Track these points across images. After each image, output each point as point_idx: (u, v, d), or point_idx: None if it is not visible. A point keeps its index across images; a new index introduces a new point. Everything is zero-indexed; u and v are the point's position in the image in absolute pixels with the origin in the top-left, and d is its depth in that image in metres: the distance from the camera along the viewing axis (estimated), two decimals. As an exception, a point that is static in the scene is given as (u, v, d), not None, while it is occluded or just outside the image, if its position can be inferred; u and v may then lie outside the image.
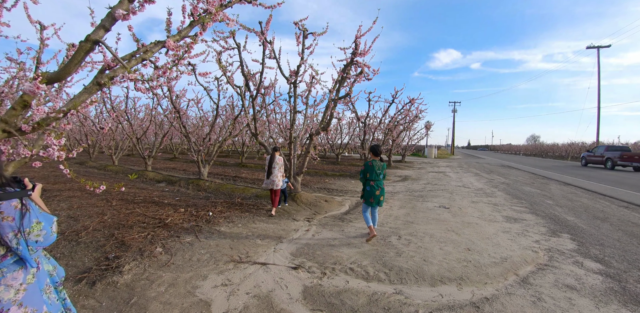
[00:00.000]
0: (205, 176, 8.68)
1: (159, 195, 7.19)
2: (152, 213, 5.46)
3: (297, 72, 6.76)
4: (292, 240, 4.41)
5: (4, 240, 1.15)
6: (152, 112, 11.16)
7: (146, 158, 10.72)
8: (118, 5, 1.62)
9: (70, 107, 1.58)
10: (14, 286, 1.17)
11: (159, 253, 3.70)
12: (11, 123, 1.45)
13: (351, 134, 22.09)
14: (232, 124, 8.33)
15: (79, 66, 1.49)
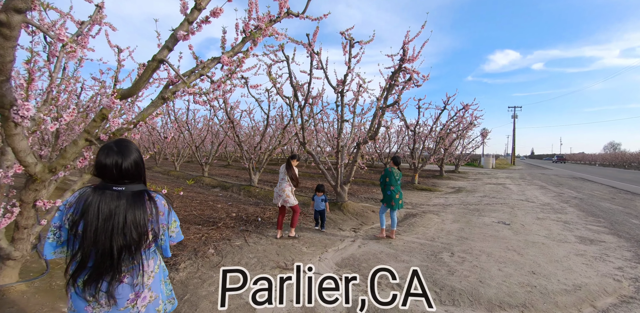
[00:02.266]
0: (255, 182, 9.07)
1: (214, 199, 7.67)
2: (207, 216, 5.83)
3: (344, 81, 6.81)
4: (338, 250, 4.37)
5: (156, 230, 1.32)
6: (210, 122, 12.08)
7: (203, 164, 11.57)
8: (179, 27, 1.81)
9: (139, 119, 1.79)
10: (147, 272, 1.34)
11: (211, 254, 3.92)
12: (92, 133, 1.69)
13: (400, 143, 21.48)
14: (281, 134, 8.64)
15: (147, 82, 1.69)
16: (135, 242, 1.26)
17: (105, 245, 1.22)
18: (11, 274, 2.73)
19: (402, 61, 6.12)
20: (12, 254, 2.41)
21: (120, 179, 1.30)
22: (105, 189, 1.28)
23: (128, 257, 1.26)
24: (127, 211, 1.25)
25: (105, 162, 1.27)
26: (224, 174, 14.06)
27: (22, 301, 2.63)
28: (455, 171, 20.12)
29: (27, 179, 1.92)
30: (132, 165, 1.31)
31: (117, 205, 1.25)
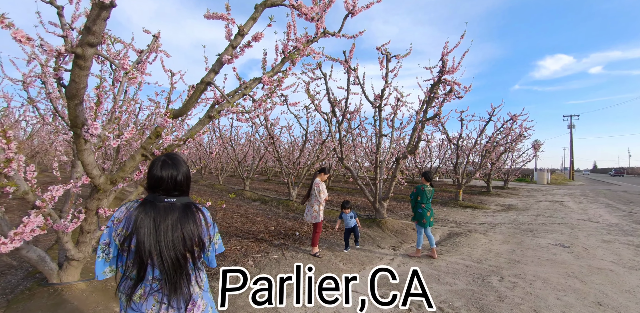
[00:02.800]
0: (294, 197, 9.21)
1: (254, 212, 7.90)
2: (247, 228, 6.00)
3: (382, 96, 6.81)
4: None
5: (205, 241, 1.36)
6: (251, 138, 12.66)
7: (245, 178, 12.04)
8: (224, 52, 1.98)
9: (188, 136, 1.96)
10: (198, 282, 1.38)
11: (250, 266, 4.01)
12: (148, 149, 1.88)
13: (442, 158, 20.58)
14: (319, 149, 8.77)
15: (196, 103, 1.86)
16: (190, 253, 1.29)
17: (161, 257, 1.22)
18: (74, 273, 3.02)
19: (441, 73, 6.00)
20: (76, 255, 2.69)
21: (173, 190, 1.33)
22: (157, 201, 1.31)
23: (190, 268, 1.30)
24: (181, 223, 1.28)
25: (161, 174, 1.31)
26: (264, 188, 14.47)
27: (81, 298, 2.88)
28: (505, 187, 18.71)
29: (92, 189, 2.17)
30: (184, 177, 1.36)
31: (171, 217, 1.28)
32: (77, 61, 1.34)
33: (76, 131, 1.62)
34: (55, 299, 2.83)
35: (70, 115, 1.57)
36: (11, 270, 3.84)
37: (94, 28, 1.27)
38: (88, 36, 1.29)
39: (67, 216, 2.33)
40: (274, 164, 23.02)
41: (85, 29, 1.28)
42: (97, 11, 1.24)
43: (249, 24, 2.12)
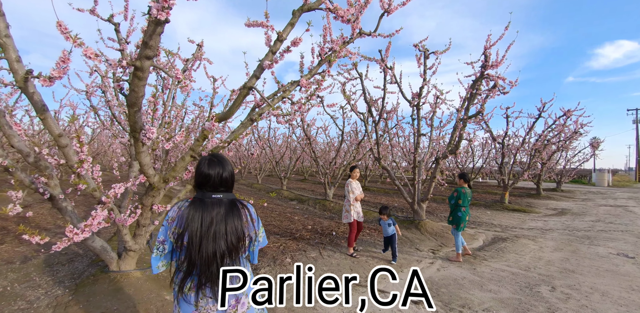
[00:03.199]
0: (330, 197, 9.27)
1: (291, 212, 8.08)
2: (285, 227, 6.17)
3: (420, 94, 6.63)
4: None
5: (251, 236, 1.44)
6: (288, 139, 12.95)
7: (282, 178, 12.35)
8: (265, 58, 2.08)
9: (232, 138, 2.08)
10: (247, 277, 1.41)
11: (288, 263, 4.13)
12: (196, 150, 2.04)
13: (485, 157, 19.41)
14: (356, 149, 8.74)
15: (239, 107, 1.97)
16: (235, 247, 1.35)
17: (209, 251, 1.30)
18: (131, 263, 3.33)
19: (484, 68, 5.69)
20: (133, 247, 2.97)
21: (220, 187, 1.41)
22: (204, 198, 1.39)
23: (230, 263, 1.35)
24: (227, 218, 1.35)
25: (209, 172, 1.39)
26: (301, 188, 14.72)
27: (137, 285, 3.17)
28: (557, 190, 17.19)
29: (147, 187, 2.39)
30: (229, 174, 1.44)
31: (217, 212, 1.35)
32: (136, 72, 1.50)
33: (135, 135, 1.82)
34: (115, 285, 3.14)
35: (130, 121, 1.76)
36: (78, 258, 4.32)
37: (151, 42, 1.42)
38: (145, 50, 1.44)
39: (126, 211, 2.59)
40: (310, 164, 23.33)
41: (143, 44, 1.43)
42: (153, 27, 1.37)
43: (287, 29, 2.20)
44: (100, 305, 2.85)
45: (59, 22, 1.37)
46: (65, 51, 1.44)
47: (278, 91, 2.64)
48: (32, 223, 6.30)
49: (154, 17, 1.26)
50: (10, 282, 3.55)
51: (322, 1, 2.33)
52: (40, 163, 2.59)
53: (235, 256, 1.37)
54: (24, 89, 1.75)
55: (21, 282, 3.59)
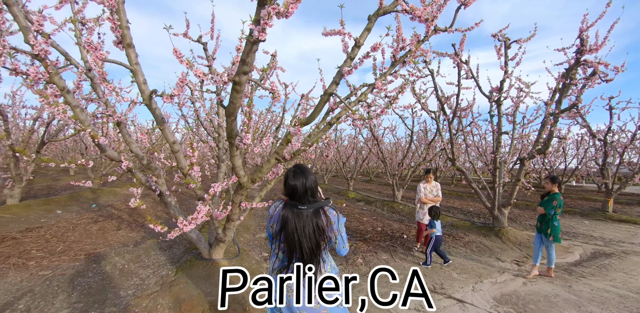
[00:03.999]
0: (399, 199, 9.04)
1: (359, 213, 8.11)
2: (355, 227, 6.22)
3: (501, 88, 6.05)
4: (496, 282, 3.81)
5: (329, 236, 1.68)
6: (354, 140, 12.99)
7: (349, 179, 12.44)
8: (343, 64, 2.15)
9: (313, 142, 2.21)
10: (323, 272, 1.69)
11: (360, 263, 4.18)
12: (280, 153, 2.23)
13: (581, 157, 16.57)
14: (425, 149, 8.37)
15: (320, 112, 2.09)
16: (318, 245, 1.63)
17: (298, 247, 1.62)
18: (220, 252, 3.75)
19: (579, 53, 4.89)
20: (223, 238, 3.35)
21: (305, 193, 1.67)
22: (294, 207, 1.67)
23: (314, 255, 1.63)
24: (313, 223, 1.63)
25: (295, 183, 1.67)
26: (367, 189, 14.63)
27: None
28: (688, 199, 13.84)
29: (237, 186, 2.68)
30: (312, 183, 1.69)
31: (305, 218, 1.63)
32: (235, 86, 1.72)
33: (231, 141, 2.07)
34: (207, 271, 3.57)
35: (227, 128, 2.01)
36: (175, 245, 5.01)
37: (247, 59, 1.60)
38: (243, 66, 1.63)
39: (219, 207, 2.94)
40: (376, 165, 23.01)
41: (241, 61, 1.63)
42: (250, 46, 1.55)
43: (364, 35, 2.24)
44: (197, 287, 3.28)
45: (175, 49, 1.66)
46: (183, 73, 1.73)
47: (350, 95, 2.69)
48: (137, 214, 7.49)
49: (255, 38, 1.44)
50: (127, 261, 4.29)
51: (398, 3, 2.32)
52: (151, 165, 3.09)
53: (318, 252, 1.64)
54: (148, 106, 2.16)
55: (135, 262, 4.31)
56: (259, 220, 7.09)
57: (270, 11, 1.34)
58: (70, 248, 4.74)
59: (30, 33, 2.03)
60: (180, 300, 3.11)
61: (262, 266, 4.09)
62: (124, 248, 4.82)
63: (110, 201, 9.01)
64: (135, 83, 2.11)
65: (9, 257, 4.21)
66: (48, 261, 4.17)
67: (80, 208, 7.92)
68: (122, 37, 1.94)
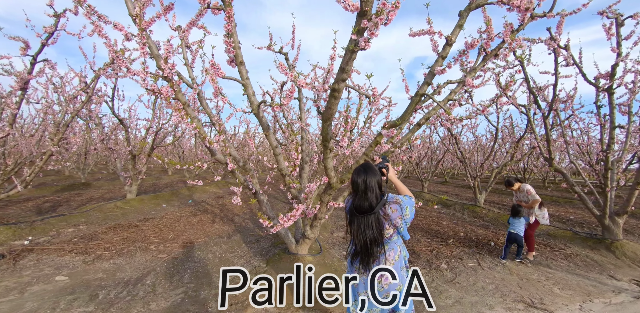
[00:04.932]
0: (481, 203, 8.35)
1: (437, 216, 7.73)
2: (434, 231, 5.98)
3: (612, 74, 5.15)
4: (610, 304, 3.29)
5: (394, 224, 1.83)
6: (427, 139, 12.38)
7: (423, 180, 11.92)
8: (435, 64, 2.12)
9: (402, 143, 2.23)
10: (389, 259, 1.86)
11: (444, 269, 4.00)
12: (369, 155, 2.30)
13: None
14: (513, 148, 7.57)
15: (412, 114, 2.10)
16: (378, 235, 1.79)
17: (363, 238, 1.80)
18: (305, 248, 3.99)
19: None
20: (309, 235, 3.57)
21: (365, 190, 1.80)
22: (354, 203, 1.86)
23: (376, 246, 1.80)
24: (373, 219, 1.79)
25: (356, 179, 1.84)
26: (443, 191, 13.81)
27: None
28: None
29: (326, 186, 2.84)
30: (373, 181, 1.82)
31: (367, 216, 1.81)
32: (334, 93, 1.85)
33: (325, 143, 2.22)
34: (294, 264, 3.83)
35: (323, 132, 2.16)
36: (262, 239, 5.46)
37: (346, 67, 1.71)
38: (342, 74, 1.75)
39: (309, 205, 3.16)
40: (452, 166, 21.53)
41: (340, 69, 1.74)
42: (350, 55, 1.66)
43: (456, 32, 2.17)
44: (286, 279, 3.55)
45: (280, 63, 1.86)
46: (293, 85, 1.94)
47: (434, 93, 2.62)
48: (227, 210, 8.35)
49: (361, 47, 1.53)
50: (224, 251, 4.84)
51: (492, -5, 2.19)
52: (246, 166, 3.46)
53: (379, 241, 1.81)
54: (256, 114, 2.45)
55: (229, 252, 4.84)
56: (335, 219, 7.29)
57: (377, 22, 1.42)
58: (178, 236, 5.55)
59: (161, 60, 2.49)
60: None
61: (343, 264, 4.21)
62: (219, 239, 5.45)
63: (203, 198, 10.26)
64: (246, 95, 2.41)
65: (134, 241, 5.12)
66: (163, 246, 4.96)
67: (180, 202, 9.19)
68: (235, 57, 2.24)
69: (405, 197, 1.92)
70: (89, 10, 2.32)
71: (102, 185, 12.40)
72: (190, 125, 2.39)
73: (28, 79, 4.70)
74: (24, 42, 4.40)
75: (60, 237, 5.27)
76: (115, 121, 9.07)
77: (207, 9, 2.27)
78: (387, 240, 1.86)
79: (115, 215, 7.04)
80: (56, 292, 3.29)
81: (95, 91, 6.21)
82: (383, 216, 1.82)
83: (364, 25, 1.49)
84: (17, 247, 4.60)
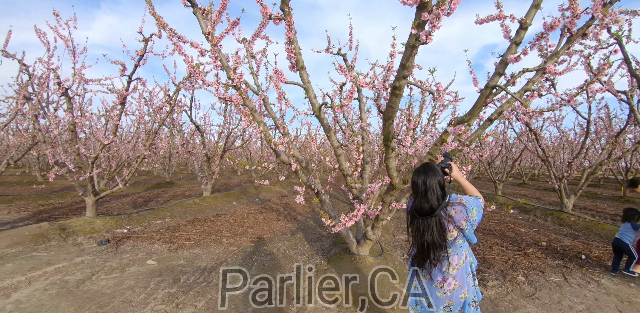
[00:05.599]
0: (569, 208, 7.28)
1: (513, 222, 6.97)
2: (510, 238, 5.41)
3: None
4: None
5: (458, 226, 1.73)
6: (500, 136, 11.21)
7: (496, 182, 10.86)
8: (507, 52, 1.91)
9: (471, 140, 2.07)
10: (452, 264, 1.74)
11: (521, 282, 3.59)
12: (434, 154, 2.18)
13: None
14: (611, 143, 6.45)
15: (481, 108, 1.93)
16: (439, 239, 1.69)
17: (422, 241, 1.72)
18: (366, 249, 3.95)
19: None
20: (371, 237, 3.52)
21: (425, 191, 1.72)
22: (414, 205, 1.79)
23: (436, 250, 1.70)
24: (435, 221, 1.70)
25: (417, 180, 1.75)
26: (520, 194, 12.40)
27: (371, 269, 3.70)
28: None
29: (388, 187, 2.78)
30: (434, 183, 1.72)
31: (429, 219, 1.72)
32: (395, 91, 1.80)
33: (387, 143, 2.18)
34: (355, 265, 3.82)
35: (384, 132, 2.12)
36: (323, 238, 5.55)
37: (407, 64, 1.66)
38: (403, 71, 1.70)
39: (371, 206, 3.13)
40: (531, 165, 19.21)
41: (401, 66, 1.69)
42: (410, 51, 1.60)
43: (532, 13, 1.93)
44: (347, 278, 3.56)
45: (339, 64, 1.88)
46: (353, 86, 1.96)
47: (509, 83, 2.35)
48: (290, 208, 8.70)
49: (422, 42, 1.48)
50: (287, 248, 5.04)
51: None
52: (309, 166, 3.56)
53: (440, 245, 1.70)
54: (318, 116, 2.53)
55: (292, 248, 5.03)
56: (398, 221, 7.07)
57: (439, 13, 1.35)
58: (246, 231, 5.96)
59: (230, 70, 2.72)
60: (334, 288, 3.44)
61: (405, 267, 4.07)
62: (283, 236, 5.71)
63: (268, 197, 10.85)
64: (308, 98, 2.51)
65: (210, 234, 5.65)
66: (234, 240, 5.37)
67: (248, 200, 9.86)
68: (296, 62, 2.34)
69: (471, 197, 1.80)
70: (171, 33, 2.64)
71: (183, 184, 13.94)
72: (257, 129, 2.56)
73: (125, 95, 5.56)
74: (122, 65, 5.25)
75: (150, 227, 6.08)
76: (193, 127, 10.21)
77: (269, 20, 2.41)
78: (451, 243, 1.75)
79: (194, 210, 7.86)
80: (147, 274, 3.81)
81: (176, 102, 7.05)
82: (446, 218, 1.74)
83: (424, 18, 1.42)
84: (119, 234, 5.45)
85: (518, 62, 1.90)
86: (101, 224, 5.88)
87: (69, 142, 6.01)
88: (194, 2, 2.62)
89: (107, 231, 5.69)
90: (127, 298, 3.17)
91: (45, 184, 11.58)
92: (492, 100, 2.44)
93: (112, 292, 3.29)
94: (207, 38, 2.56)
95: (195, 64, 2.73)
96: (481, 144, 9.63)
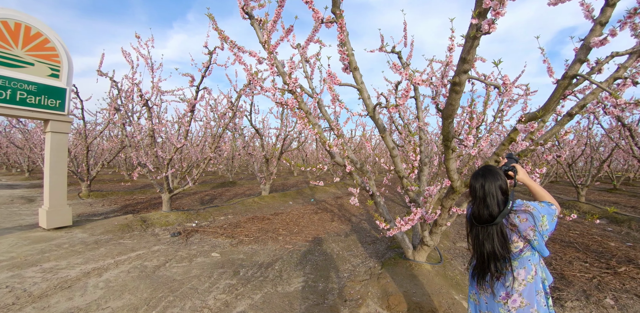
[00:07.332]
0: (677, 219, 6.06)
1: (600, 234, 6.03)
2: (595, 253, 4.69)
3: None
4: None
5: (524, 236, 1.55)
6: (584, 133, 9.79)
7: (578, 186, 9.51)
8: (590, 34, 1.65)
9: (545, 139, 1.84)
10: (518, 279, 1.55)
11: (609, 305, 3.08)
12: (500, 154, 1.98)
13: None
14: None
15: (558, 102, 1.70)
16: (500, 249, 1.53)
17: (481, 251, 1.59)
18: (423, 255, 3.76)
19: None
20: (429, 242, 3.34)
21: (484, 197, 1.57)
22: (473, 212, 1.65)
23: (498, 261, 1.54)
24: (496, 230, 1.55)
25: (475, 184, 1.61)
26: (610, 202, 10.68)
27: (428, 277, 3.51)
28: None
29: (448, 190, 2.62)
30: (494, 188, 1.56)
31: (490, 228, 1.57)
32: (454, 87, 1.69)
33: (446, 143, 2.05)
34: (411, 271, 3.66)
35: (444, 131, 2.01)
36: (377, 241, 5.43)
37: (468, 57, 1.54)
38: (463, 65, 1.58)
39: (429, 210, 2.98)
40: (625, 167, 16.45)
41: (461, 60, 1.58)
42: (471, 43, 1.48)
43: (624, -9, 1.65)
44: (401, 285, 3.43)
45: (394, 63, 1.83)
46: (408, 84, 1.90)
47: (593, 71, 2.03)
48: (345, 210, 8.69)
49: (484, 32, 1.37)
50: (341, 249, 5.04)
51: None
52: (363, 168, 3.52)
53: (502, 257, 1.54)
54: (372, 117, 2.51)
55: (346, 250, 5.01)
56: (459, 227, 6.62)
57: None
58: (301, 231, 6.11)
59: (286, 76, 2.83)
60: (388, 293, 3.34)
61: (465, 278, 3.78)
62: (337, 237, 5.72)
63: (323, 197, 11.01)
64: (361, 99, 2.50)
65: (267, 232, 5.91)
66: (289, 238, 5.54)
67: (304, 201, 10.11)
68: (349, 63, 2.35)
69: (540, 204, 1.59)
70: (232, 44, 2.86)
71: (244, 183, 14.85)
72: (312, 131, 2.62)
73: (194, 104, 6.18)
74: (191, 77, 5.90)
75: (215, 223, 6.59)
76: (253, 131, 10.87)
77: (321, 24, 2.45)
78: (516, 256, 1.56)
79: (253, 208, 8.33)
80: (212, 265, 4.13)
81: (238, 108, 7.58)
82: (509, 227, 1.56)
83: (485, 6, 1.30)
84: (188, 228, 6.01)
85: (604, 46, 1.63)
86: (174, 218, 6.56)
87: (149, 146, 6.85)
88: (252, 14, 2.79)
89: (179, 224, 6.32)
90: (193, 285, 3.48)
91: (130, 182, 13.35)
92: (572, 92, 2.14)
93: (182, 278, 3.64)
94: (264, 47, 2.70)
95: (254, 72, 2.90)
96: (559, 143, 8.56)
